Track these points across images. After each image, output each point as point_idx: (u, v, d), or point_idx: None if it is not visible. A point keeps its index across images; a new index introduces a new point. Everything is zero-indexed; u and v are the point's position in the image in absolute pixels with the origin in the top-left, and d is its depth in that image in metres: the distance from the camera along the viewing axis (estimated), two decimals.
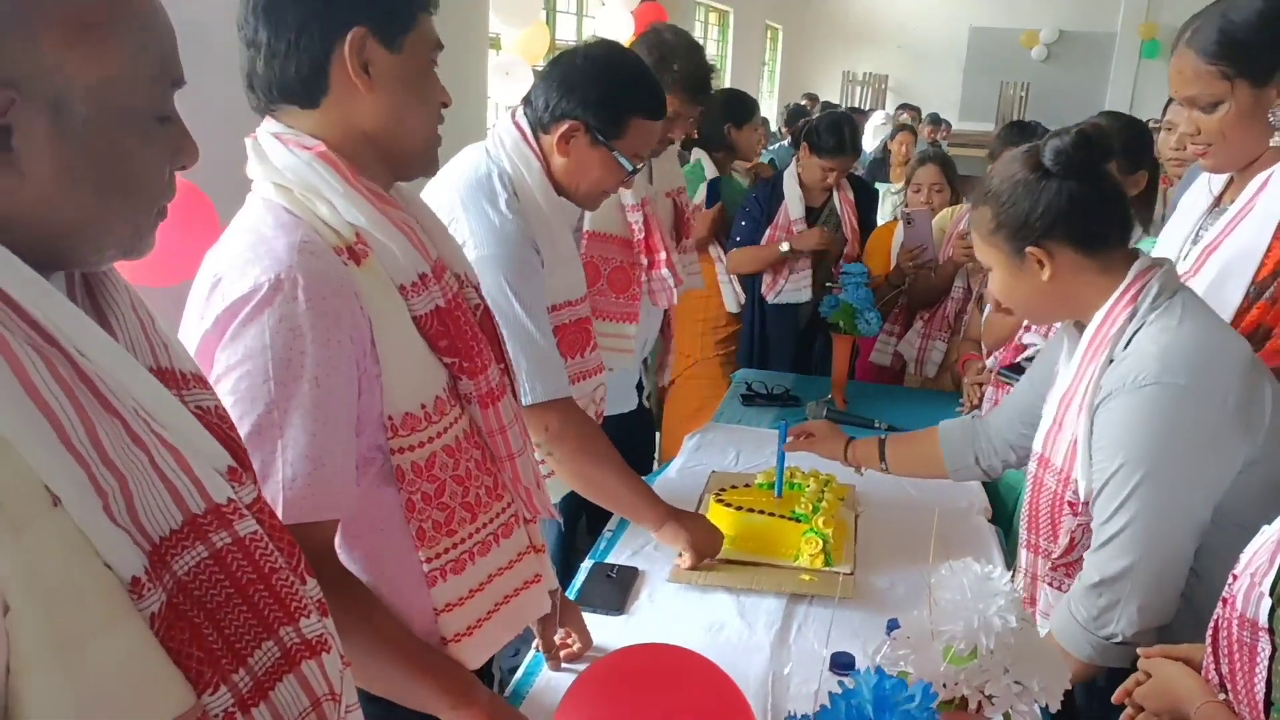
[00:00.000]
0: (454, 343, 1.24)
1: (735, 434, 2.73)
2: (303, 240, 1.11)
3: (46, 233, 0.70)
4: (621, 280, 2.34)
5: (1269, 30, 1.58)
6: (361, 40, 1.14)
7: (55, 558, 0.63)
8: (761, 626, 1.76)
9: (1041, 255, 1.46)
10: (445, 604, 1.27)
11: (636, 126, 1.81)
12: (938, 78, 14.77)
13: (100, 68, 0.69)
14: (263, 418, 1.08)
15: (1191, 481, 1.38)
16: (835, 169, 3.40)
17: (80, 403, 0.67)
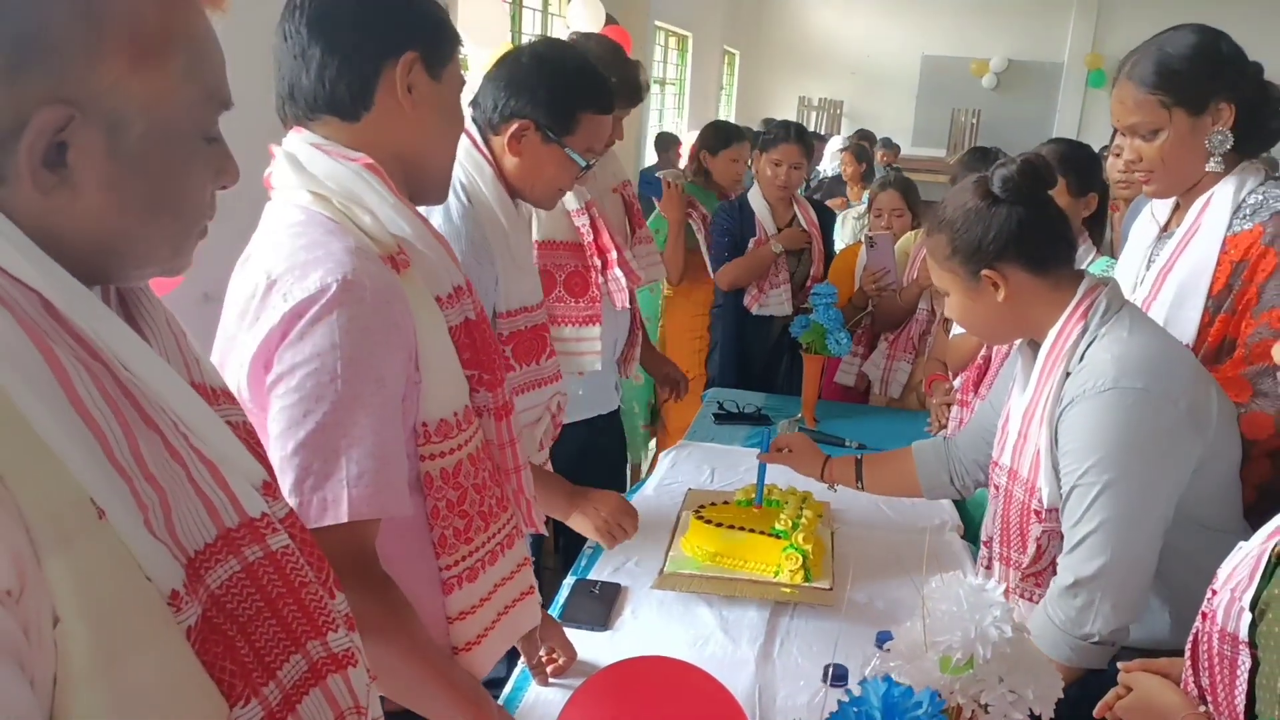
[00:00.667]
0: (477, 355, 1.28)
1: (710, 452, 2.76)
2: (357, 245, 1.14)
3: (93, 248, 0.71)
4: (578, 284, 2.37)
5: (1202, 62, 1.68)
6: (411, 64, 1.19)
7: (103, 571, 0.64)
8: (745, 641, 1.78)
9: (996, 277, 1.53)
10: (459, 612, 1.29)
11: (587, 121, 1.82)
12: (891, 104, 15.00)
13: (156, 88, 0.70)
14: (328, 416, 1.09)
15: (1154, 480, 1.44)
16: (783, 159, 3.44)
17: (124, 416, 0.67)
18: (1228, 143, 1.69)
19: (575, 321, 2.38)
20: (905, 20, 15.18)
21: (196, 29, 0.74)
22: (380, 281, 1.13)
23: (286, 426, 1.09)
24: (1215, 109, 1.69)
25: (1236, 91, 1.69)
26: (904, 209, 3.60)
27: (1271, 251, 1.64)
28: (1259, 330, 1.64)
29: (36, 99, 0.65)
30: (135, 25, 0.69)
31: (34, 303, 0.66)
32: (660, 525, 2.21)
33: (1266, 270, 1.64)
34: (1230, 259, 1.68)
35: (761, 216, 3.51)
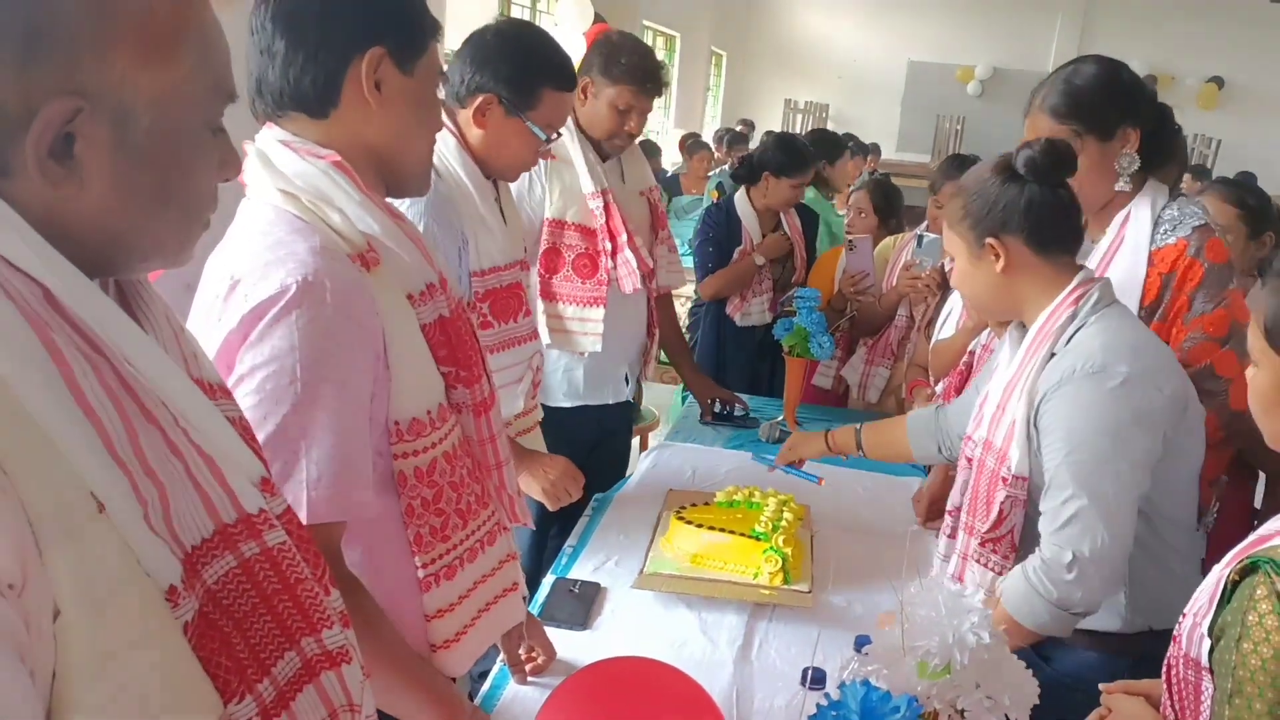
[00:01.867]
0: (453, 352, 1.27)
1: (691, 453, 2.76)
2: (322, 245, 1.13)
3: (98, 241, 0.70)
4: (586, 266, 2.43)
5: (1107, 92, 1.82)
6: (378, 59, 1.17)
7: (103, 565, 0.63)
8: (724, 642, 1.79)
9: (998, 247, 1.59)
10: (437, 610, 1.28)
11: (549, 97, 1.86)
12: (876, 109, 15.08)
13: (164, 80, 0.70)
14: (287, 418, 1.09)
15: (1139, 460, 1.50)
16: (803, 182, 3.47)
17: (124, 409, 0.67)
18: (1135, 164, 1.84)
19: (579, 302, 2.44)
20: (892, 26, 15.26)
21: (205, 22, 0.74)
22: (343, 281, 1.12)
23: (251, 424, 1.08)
24: (1123, 134, 1.83)
25: (1139, 117, 1.84)
26: (869, 210, 3.63)
27: (1198, 263, 1.78)
28: (1193, 335, 1.78)
29: (45, 90, 0.64)
30: (146, 19, 0.69)
31: (37, 294, 0.66)
32: (641, 525, 2.21)
33: (1194, 280, 1.78)
34: (1159, 271, 1.82)
35: (748, 224, 3.51)
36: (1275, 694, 0.97)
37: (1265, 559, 1.01)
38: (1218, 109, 14.33)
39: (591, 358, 2.49)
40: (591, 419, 2.57)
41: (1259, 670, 0.98)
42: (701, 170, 7.92)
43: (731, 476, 2.50)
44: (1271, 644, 0.98)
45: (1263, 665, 0.98)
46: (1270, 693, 0.98)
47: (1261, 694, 0.98)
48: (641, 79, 2.39)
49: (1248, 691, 0.99)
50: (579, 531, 2.22)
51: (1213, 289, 1.78)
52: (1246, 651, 1.00)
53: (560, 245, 2.42)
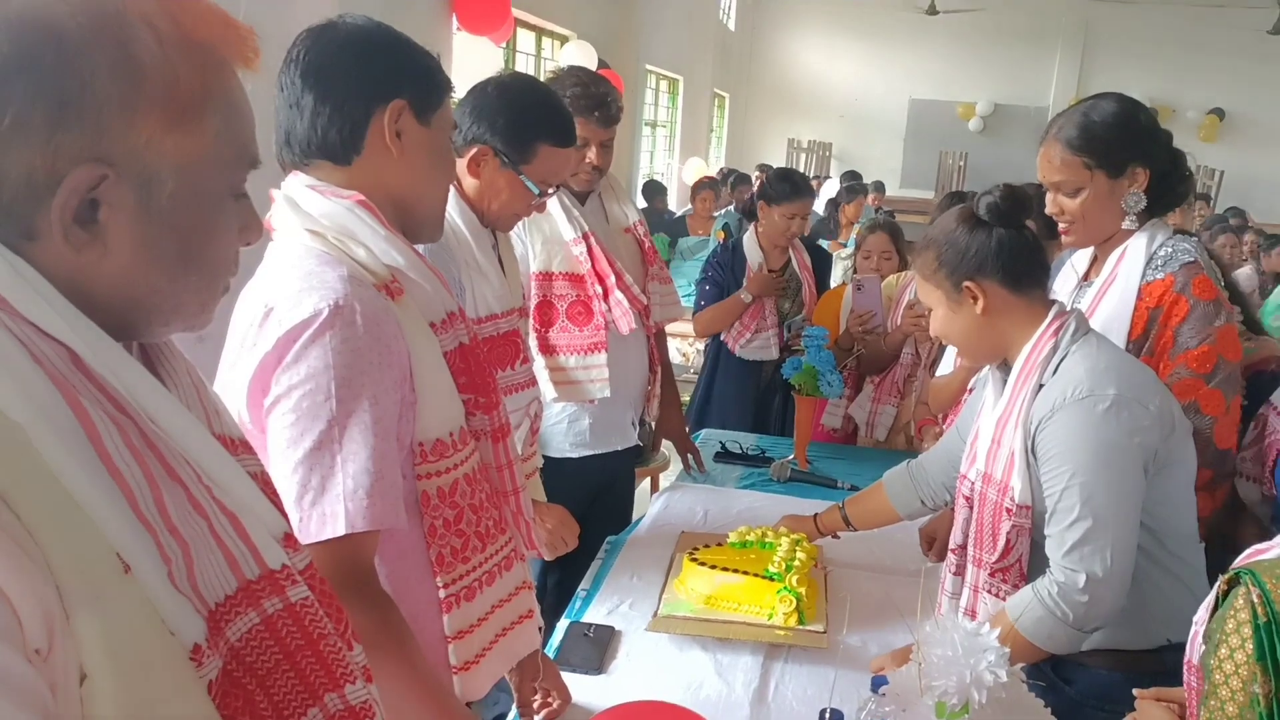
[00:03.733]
0: (472, 379, 1.33)
1: (702, 493, 2.76)
2: (350, 274, 1.19)
3: (121, 304, 0.72)
4: (581, 313, 2.43)
5: (1122, 131, 1.86)
6: (400, 111, 1.25)
7: (130, 626, 0.64)
8: (740, 684, 1.78)
9: (976, 290, 1.65)
10: (457, 631, 1.32)
11: (545, 153, 1.87)
12: (880, 146, 15.20)
13: (190, 147, 0.72)
14: (324, 434, 1.15)
15: (1135, 478, 1.54)
16: (796, 212, 3.49)
17: (149, 469, 0.68)
18: (1141, 203, 1.87)
19: (580, 350, 2.43)
20: (893, 64, 15.42)
21: (230, 90, 0.76)
22: (372, 306, 1.18)
23: (286, 445, 1.15)
24: (1132, 173, 1.86)
25: (1151, 158, 1.87)
26: (893, 252, 3.63)
27: (1183, 299, 1.81)
28: (1177, 371, 1.80)
29: (72, 157, 0.66)
30: (173, 86, 0.70)
31: (63, 357, 0.67)
32: (654, 567, 2.21)
33: (1179, 316, 1.81)
34: (1146, 305, 1.85)
35: (753, 262, 3.54)
36: (1246, 698, 1.01)
37: (1247, 570, 1.05)
38: (1219, 141, 14.42)
39: (598, 404, 2.48)
40: (597, 467, 2.56)
41: (1233, 674, 1.02)
42: (706, 211, 7.97)
43: (743, 517, 2.50)
44: (1246, 650, 1.02)
45: (1236, 670, 1.02)
46: (1242, 696, 1.01)
47: (1234, 697, 1.02)
48: (588, 108, 2.38)
49: (1222, 694, 1.03)
50: (592, 574, 2.22)
51: (1199, 324, 1.80)
52: (1223, 656, 1.04)
53: (551, 296, 2.41)
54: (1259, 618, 1.00)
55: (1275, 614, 1.00)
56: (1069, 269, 2.11)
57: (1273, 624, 0.99)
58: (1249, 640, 1.01)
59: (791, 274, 3.62)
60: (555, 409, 2.48)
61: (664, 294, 2.76)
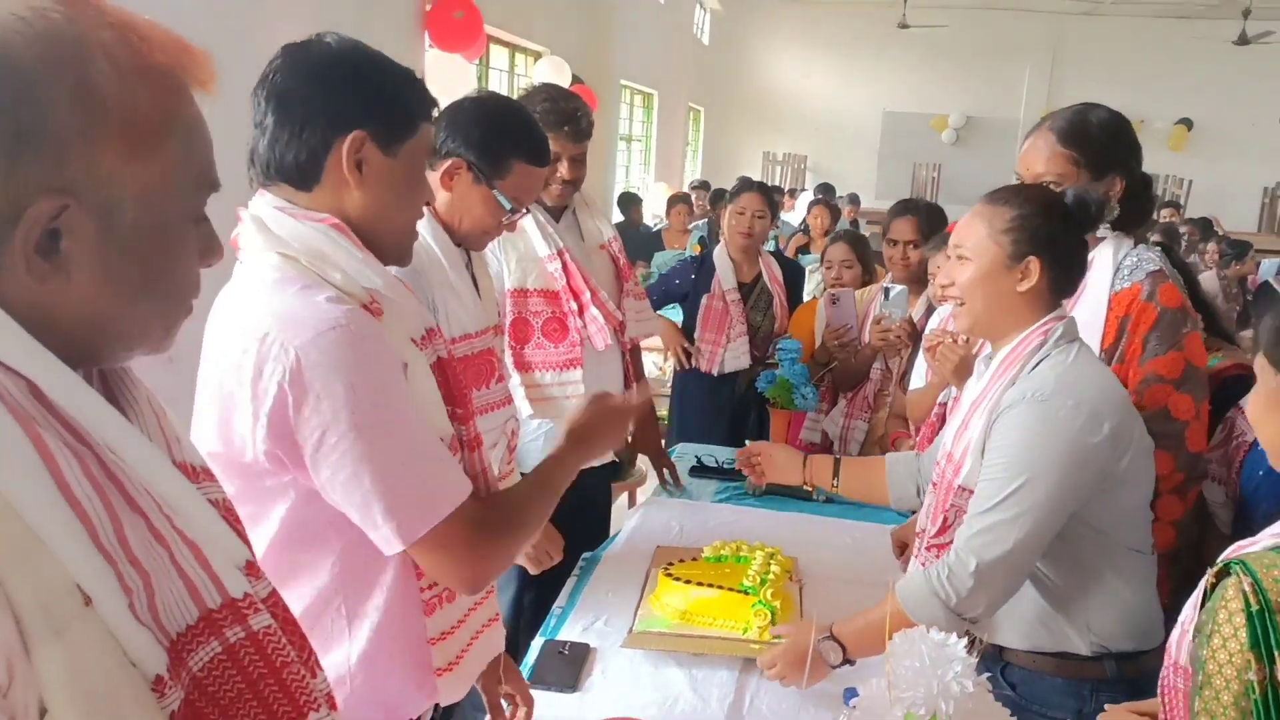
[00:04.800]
0: (451, 391, 1.35)
1: (678, 508, 2.77)
2: (338, 295, 1.20)
3: (84, 332, 0.71)
4: (556, 329, 2.44)
5: (1113, 137, 1.92)
6: (360, 142, 1.23)
7: (90, 659, 0.63)
8: (715, 699, 1.78)
9: (1034, 267, 1.62)
10: (440, 633, 1.34)
11: (519, 170, 1.87)
12: (854, 158, 15.31)
13: (150, 175, 0.71)
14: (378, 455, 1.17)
15: (1066, 488, 1.55)
16: (746, 206, 3.52)
17: (109, 500, 0.68)
18: (1114, 213, 1.92)
19: (555, 366, 2.43)
20: (866, 77, 15.55)
21: (189, 116, 0.76)
22: (367, 324, 1.20)
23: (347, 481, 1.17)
24: (1111, 180, 1.91)
25: (1129, 170, 1.93)
26: (853, 260, 3.65)
27: (1150, 306, 1.86)
28: (1147, 378, 1.84)
29: (33, 188, 0.66)
30: (132, 115, 0.70)
31: (22, 388, 0.66)
32: (629, 583, 2.21)
33: (1147, 323, 1.85)
34: (1116, 315, 1.89)
35: (722, 272, 3.57)
36: (1241, 685, 1.03)
37: (1237, 561, 1.08)
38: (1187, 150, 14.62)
39: None
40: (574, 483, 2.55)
41: (1226, 664, 1.04)
42: (680, 224, 7.99)
43: (719, 530, 2.50)
44: (1239, 639, 1.04)
45: (1230, 659, 1.04)
46: (1236, 684, 1.03)
47: (1229, 685, 1.04)
48: (557, 123, 2.38)
49: (1216, 684, 1.05)
50: (568, 592, 2.22)
51: (1166, 331, 1.84)
52: (1216, 646, 1.05)
53: (526, 313, 2.42)
54: (1251, 605, 1.03)
55: (1267, 601, 1.02)
56: None
57: (1265, 610, 1.02)
58: (1241, 628, 1.03)
59: (761, 288, 3.64)
60: (531, 425, 2.48)
61: (639, 309, 2.77)
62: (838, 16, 15.42)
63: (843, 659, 1.67)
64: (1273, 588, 1.02)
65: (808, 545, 2.40)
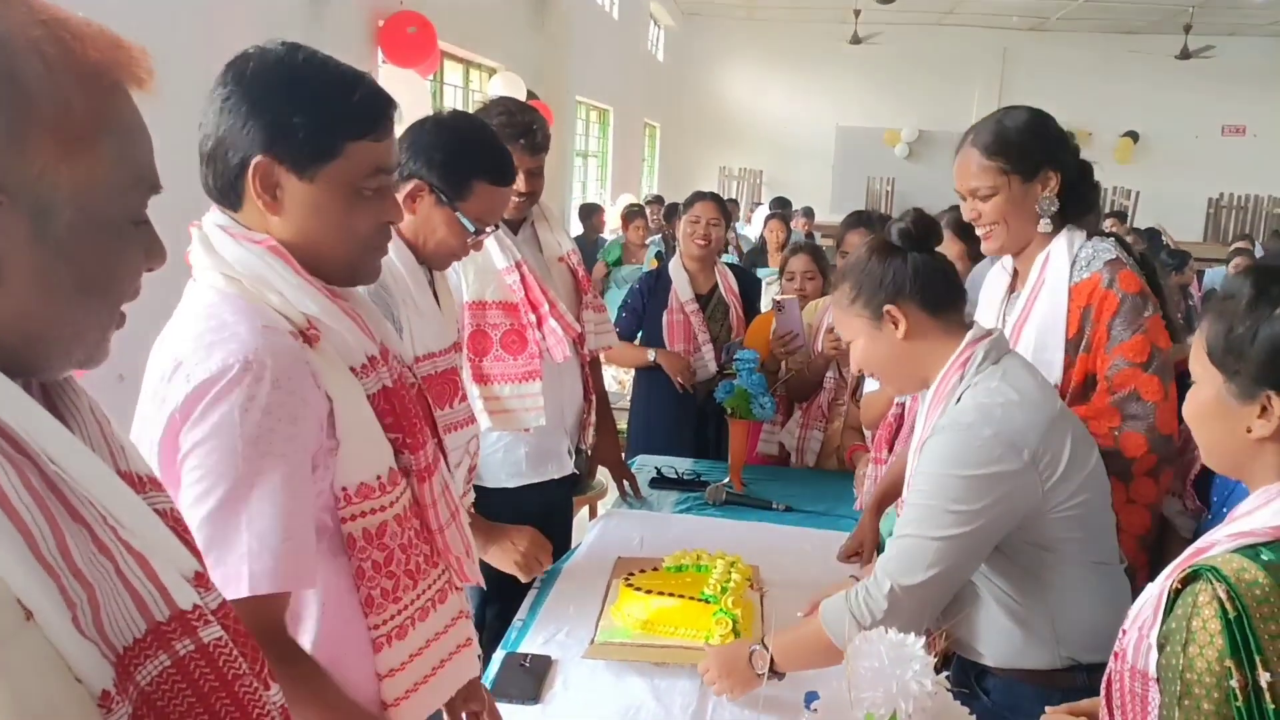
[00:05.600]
0: (399, 420, 1.30)
1: (638, 519, 2.76)
2: (264, 325, 1.16)
3: (18, 339, 0.69)
4: (515, 342, 2.42)
5: (1034, 137, 1.96)
6: (267, 167, 1.18)
7: (33, 676, 0.61)
8: (677, 708, 1.78)
9: (896, 314, 1.65)
10: (389, 669, 1.29)
11: (481, 191, 1.86)
12: (809, 172, 15.44)
13: (85, 175, 0.70)
14: (229, 493, 1.11)
15: (983, 515, 1.54)
16: (700, 215, 3.56)
17: (51, 512, 0.66)
18: (1054, 206, 1.97)
19: (514, 379, 2.42)
20: (820, 92, 15.74)
21: (125, 115, 0.74)
22: (285, 358, 1.15)
23: (190, 504, 1.11)
24: (1044, 176, 1.96)
25: (1061, 163, 1.97)
26: (815, 272, 3.67)
27: (1111, 293, 1.90)
28: (1115, 363, 1.88)
29: None
30: (63, 114, 0.68)
31: None
32: (590, 595, 2.21)
33: (1110, 310, 1.89)
34: (1078, 305, 1.93)
35: (678, 284, 3.58)
36: (1221, 694, 1.03)
37: (1207, 567, 1.07)
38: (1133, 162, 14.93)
39: (534, 433, 2.48)
40: (534, 497, 2.55)
41: (1205, 672, 1.04)
42: (639, 239, 8.01)
43: (680, 540, 2.50)
44: (1215, 646, 1.03)
45: (1208, 667, 1.04)
46: (1216, 693, 1.03)
47: (1209, 694, 1.04)
48: (513, 136, 2.37)
49: (1196, 693, 1.05)
50: (528, 604, 2.21)
51: (1129, 316, 1.88)
52: (1193, 655, 1.05)
53: (485, 326, 2.41)
54: (1228, 613, 1.03)
55: (1244, 606, 1.02)
56: (997, 276, 2.18)
57: (1243, 616, 1.02)
58: (1218, 635, 1.03)
59: (718, 299, 3.66)
60: (491, 438, 2.47)
61: (598, 322, 2.77)
62: (791, 33, 15.58)
63: (770, 669, 1.67)
64: (1248, 593, 1.03)
65: (768, 553, 2.41)
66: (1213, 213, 15.19)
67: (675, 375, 3.53)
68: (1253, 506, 1.15)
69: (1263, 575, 1.04)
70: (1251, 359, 1.13)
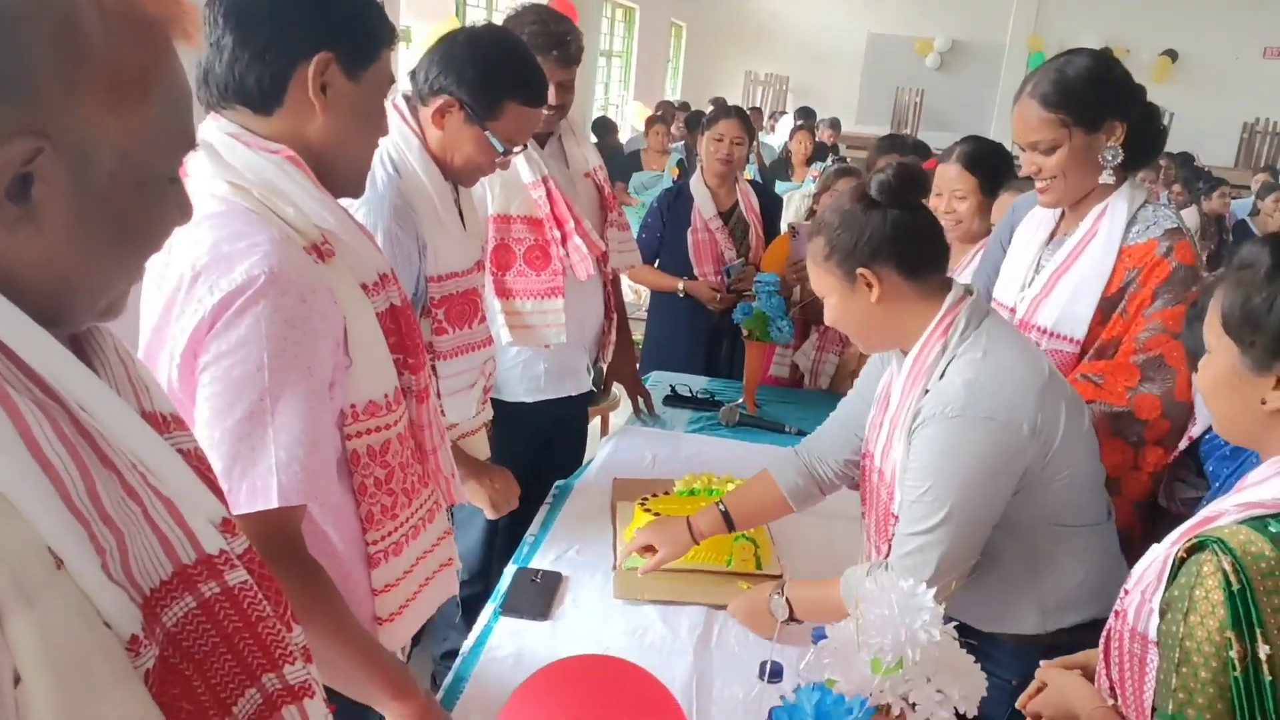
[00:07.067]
0: (402, 340, 1.32)
1: (650, 437, 2.78)
2: (281, 236, 1.15)
3: (49, 287, 0.69)
4: (539, 258, 2.41)
5: (1097, 85, 1.85)
6: (325, 64, 1.18)
7: (63, 624, 0.62)
8: (684, 631, 1.81)
9: (870, 277, 1.57)
10: (384, 584, 1.33)
11: (512, 111, 1.83)
12: (836, 81, 15.08)
13: (130, 128, 0.69)
14: (256, 404, 1.12)
15: (991, 500, 1.54)
16: (724, 133, 3.49)
17: (81, 459, 0.66)
18: (1119, 157, 1.88)
19: (536, 294, 2.41)
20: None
21: (173, 72, 0.73)
22: (305, 272, 1.15)
23: (213, 414, 1.12)
24: (1109, 127, 1.86)
25: (1126, 112, 1.87)
26: None
27: (1165, 262, 1.84)
28: (1151, 327, 1.84)
29: (7, 130, 0.63)
30: (115, 66, 0.68)
31: None
32: (602, 513, 2.24)
33: (1161, 277, 1.84)
34: (1125, 266, 1.87)
35: (700, 202, 3.54)
36: (1219, 663, 1.04)
37: (1213, 538, 1.07)
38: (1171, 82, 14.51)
39: (553, 350, 2.48)
40: (551, 412, 2.57)
41: (1205, 641, 1.05)
42: (660, 145, 7.89)
43: (692, 461, 2.53)
44: (1217, 617, 1.04)
45: (1208, 636, 1.05)
46: (1214, 662, 1.05)
47: (1206, 663, 1.05)
48: (546, 47, 2.32)
49: (1195, 661, 1.06)
50: (540, 520, 2.23)
51: (1177, 288, 1.83)
52: (1194, 624, 1.06)
53: (509, 240, 2.39)
54: (1232, 584, 1.03)
55: (1248, 579, 1.02)
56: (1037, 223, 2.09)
57: (1246, 589, 1.02)
58: (1220, 606, 1.04)
59: (738, 218, 3.61)
60: (510, 354, 2.48)
61: (622, 240, 2.75)
62: None
63: (789, 617, 1.69)
64: (1253, 565, 1.03)
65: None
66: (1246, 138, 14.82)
67: (710, 303, 3.50)
68: (1264, 476, 1.14)
69: (1269, 548, 1.04)
70: (1268, 330, 1.11)
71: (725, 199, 3.60)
